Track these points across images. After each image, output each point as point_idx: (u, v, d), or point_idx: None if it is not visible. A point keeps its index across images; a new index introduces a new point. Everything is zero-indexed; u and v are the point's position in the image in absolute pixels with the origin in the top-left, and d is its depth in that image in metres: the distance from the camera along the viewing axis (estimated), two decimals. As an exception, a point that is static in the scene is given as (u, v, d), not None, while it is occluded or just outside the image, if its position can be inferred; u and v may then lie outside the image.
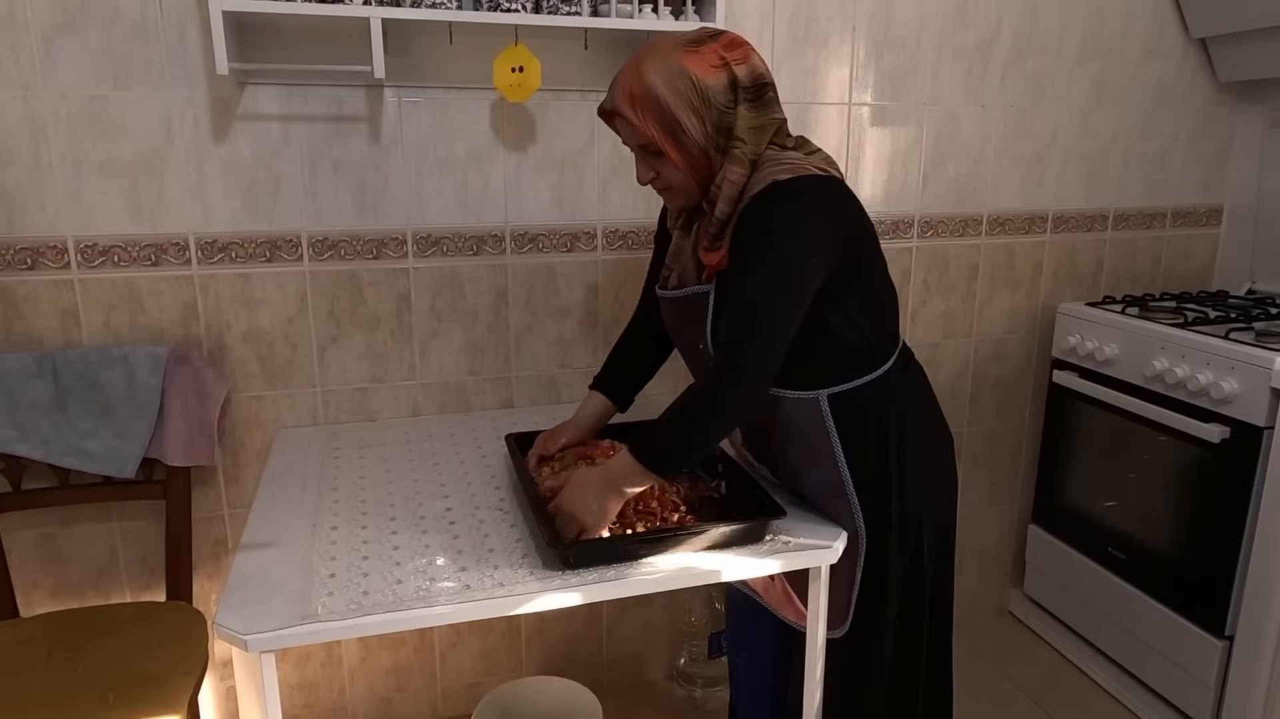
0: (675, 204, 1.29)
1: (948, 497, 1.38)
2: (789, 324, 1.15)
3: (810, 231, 1.16)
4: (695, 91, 1.15)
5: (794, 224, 1.15)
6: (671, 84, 1.15)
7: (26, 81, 1.50)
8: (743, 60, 1.18)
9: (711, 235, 1.21)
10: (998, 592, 2.44)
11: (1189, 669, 1.86)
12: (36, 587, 1.69)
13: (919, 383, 1.36)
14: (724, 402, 1.15)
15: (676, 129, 1.16)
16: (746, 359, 1.14)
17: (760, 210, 1.16)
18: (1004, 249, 2.18)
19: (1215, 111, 2.27)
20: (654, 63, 1.17)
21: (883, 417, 1.27)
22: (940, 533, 1.34)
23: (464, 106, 1.72)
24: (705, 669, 2.02)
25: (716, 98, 1.16)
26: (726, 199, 1.18)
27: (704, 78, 1.15)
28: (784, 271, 1.14)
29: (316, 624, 1.03)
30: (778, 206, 1.15)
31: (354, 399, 1.79)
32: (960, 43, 2.02)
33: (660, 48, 1.18)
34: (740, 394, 1.15)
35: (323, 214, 1.69)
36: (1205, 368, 1.78)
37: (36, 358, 1.54)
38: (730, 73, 1.17)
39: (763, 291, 1.14)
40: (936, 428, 1.37)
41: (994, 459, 2.32)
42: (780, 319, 1.14)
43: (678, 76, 1.15)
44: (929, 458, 1.32)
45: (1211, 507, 1.81)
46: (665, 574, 1.15)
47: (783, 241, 1.14)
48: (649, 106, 1.16)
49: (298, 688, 1.89)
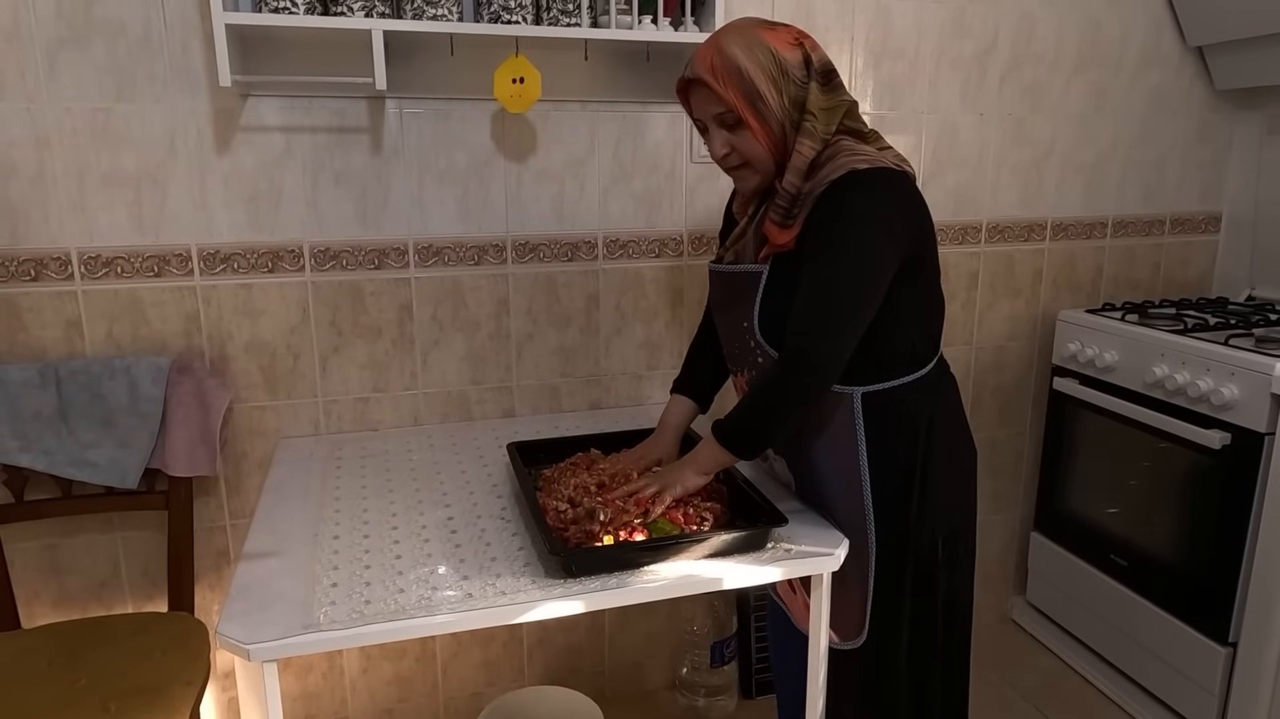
0: (749, 184, 1.29)
1: (967, 508, 1.38)
2: (864, 312, 1.17)
3: (888, 222, 1.18)
4: (774, 63, 1.19)
5: (872, 213, 1.17)
6: (752, 55, 1.19)
7: (31, 94, 1.51)
8: (814, 47, 1.24)
9: (782, 210, 1.22)
10: (1000, 599, 2.43)
11: (1192, 676, 1.86)
12: (38, 597, 1.69)
13: (951, 392, 1.37)
14: (796, 387, 1.18)
15: (756, 98, 1.19)
16: (819, 345, 1.16)
17: (838, 198, 1.17)
18: (1003, 257, 2.19)
19: (1213, 119, 2.28)
20: (734, 37, 1.21)
21: (912, 419, 1.27)
22: (957, 543, 1.34)
23: (465, 117, 1.73)
24: (708, 678, 2.01)
25: (793, 72, 1.20)
26: (795, 171, 1.20)
27: (782, 51, 1.19)
28: (861, 260, 1.16)
29: (319, 633, 1.03)
30: (856, 195, 1.17)
31: (356, 409, 1.79)
32: (958, 52, 2.03)
33: (739, 25, 1.24)
34: (812, 380, 1.18)
35: (325, 224, 1.70)
36: (1205, 374, 1.78)
37: (40, 369, 1.54)
38: (804, 51, 1.21)
39: (839, 279, 1.16)
40: (962, 439, 1.37)
41: (995, 466, 2.32)
42: (856, 307, 1.17)
43: (758, 48, 1.19)
44: (952, 467, 1.33)
45: (1213, 513, 1.81)
46: (667, 582, 1.15)
47: (861, 230, 1.16)
48: (731, 74, 1.19)
49: (299, 699, 1.89)
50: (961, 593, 1.37)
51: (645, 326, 1.94)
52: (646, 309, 1.93)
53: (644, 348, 1.95)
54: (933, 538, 1.30)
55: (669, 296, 1.94)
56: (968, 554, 1.38)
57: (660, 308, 1.94)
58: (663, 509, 1.24)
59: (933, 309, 1.32)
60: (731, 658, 2.03)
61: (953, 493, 1.33)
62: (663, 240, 1.91)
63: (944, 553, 1.31)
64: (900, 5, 1.95)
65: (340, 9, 1.47)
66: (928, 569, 1.31)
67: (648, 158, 1.86)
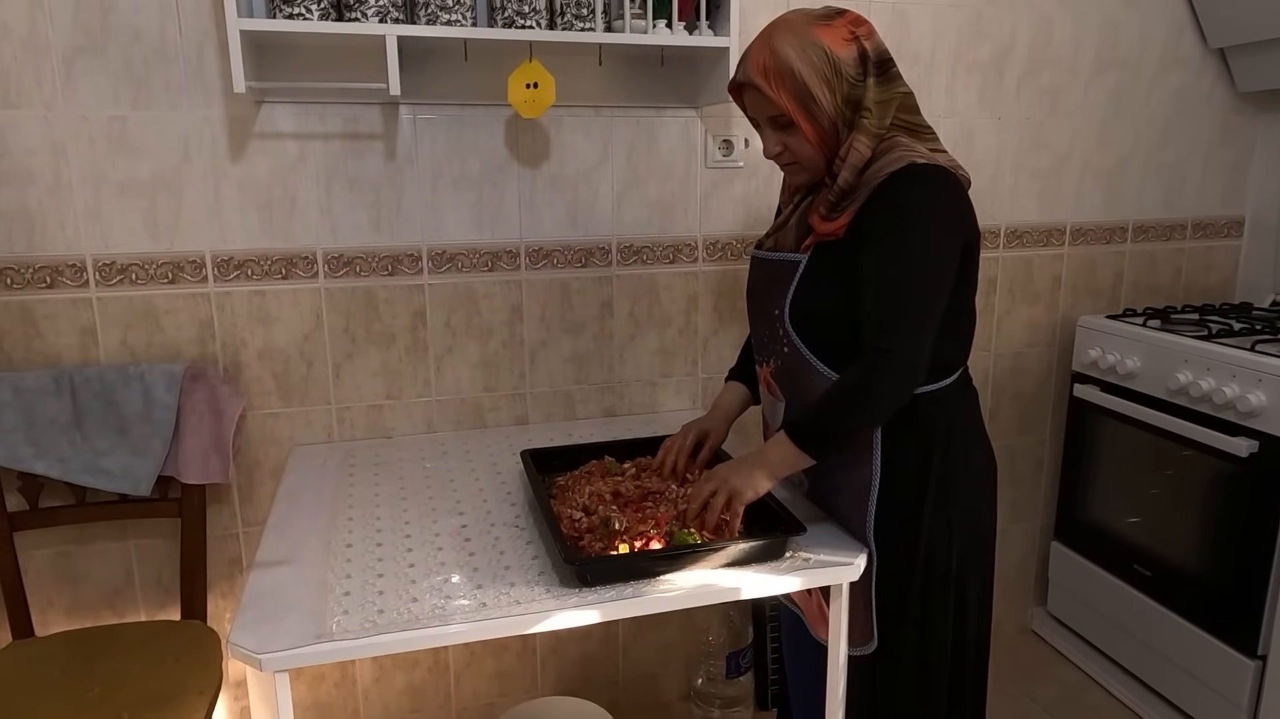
0: (799, 179, 1.29)
1: (986, 520, 1.35)
2: (937, 306, 1.16)
3: (948, 217, 1.17)
4: (828, 63, 1.16)
5: (934, 206, 1.16)
6: (805, 56, 1.16)
7: (48, 103, 1.51)
8: (869, 35, 1.20)
9: (831, 204, 1.20)
10: (1020, 610, 2.39)
11: (1220, 690, 1.82)
12: (52, 605, 1.69)
13: (971, 403, 1.35)
14: (878, 387, 1.16)
15: (809, 100, 1.17)
16: (899, 343, 1.14)
17: (898, 191, 1.16)
18: (1022, 262, 2.16)
19: (1235, 121, 2.24)
20: (787, 36, 1.18)
21: (930, 427, 1.25)
22: (974, 555, 1.31)
23: (479, 123, 1.72)
24: (723, 689, 1.99)
25: (848, 70, 1.17)
26: (850, 168, 1.18)
27: (836, 50, 1.17)
28: (929, 253, 1.15)
29: (331, 643, 1.02)
30: (916, 188, 1.15)
31: (369, 416, 1.79)
32: (975, 56, 2.01)
33: (792, 22, 1.20)
34: (894, 378, 1.16)
35: (338, 231, 1.70)
36: (1231, 380, 1.75)
37: (54, 376, 1.54)
38: (860, 46, 1.18)
39: (910, 274, 1.15)
40: (981, 449, 1.35)
41: (1015, 475, 2.29)
42: (929, 301, 1.15)
43: (811, 48, 1.16)
44: (970, 477, 1.30)
45: (1241, 522, 1.77)
46: (683, 592, 1.13)
47: (925, 223, 1.15)
48: (784, 78, 1.17)
49: (312, 708, 1.88)
50: (978, 605, 1.34)
51: (659, 333, 1.93)
52: (661, 316, 1.92)
53: (658, 355, 1.94)
54: (947, 548, 1.27)
55: (683, 303, 1.92)
56: (985, 567, 1.36)
57: (674, 314, 1.93)
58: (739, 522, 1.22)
59: (966, 319, 1.30)
60: (747, 669, 2.01)
61: (971, 503, 1.31)
62: (677, 246, 1.89)
63: (958, 564, 1.29)
64: (916, 8, 1.94)
65: (354, 15, 1.47)
66: (941, 579, 1.28)
67: (662, 163, 1.85)
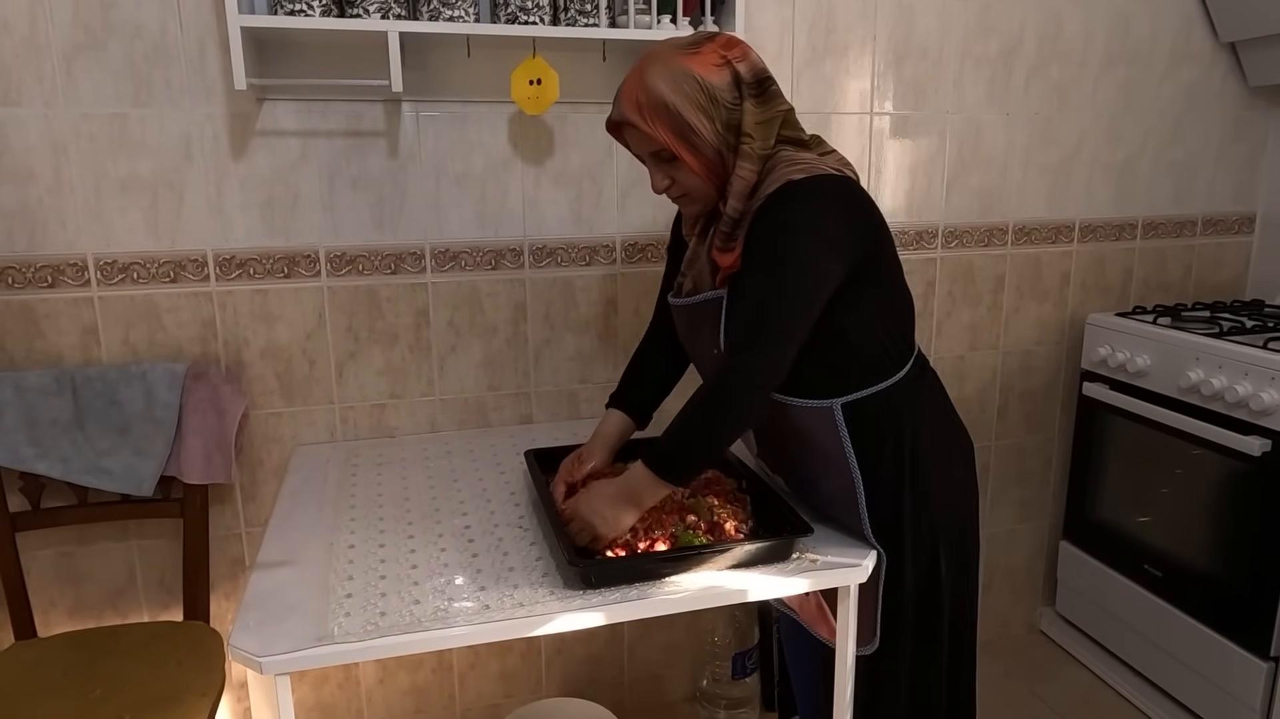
0: (693, 210, 1.27)
1: (966, 510, 1.33)
2: (801, 325, 1.13)
3: (826, 231, 1.14)
4: (702, 92, 1.14)
5: (809, 223, 1.13)
6: (677, 87, 1.14)
7: (48, 100, 1.50)
8: (742, 57, 1.17)
9: (725, 235, 1.18)
10: (1029, 610, 2.37)
11: (1231, 691, 1.80)
12: (55, 606, 1.68)
13: (934, 390, 1.33)
14: (731, 404, 1.13)
15: (688, 131, 1.15)
16: (754, 361, 1.11)
17: (774, 209, 1.14)
18: (1030, 259, 2.14)
19: (1246, 116, 2.22)
20: (657, 69, 1.15)
21: (897, 426, 1.23)
22: (959, 549, 1.30)
23: (482, 120, 1.71)
24: (729, 690, 1.97)
25: (723, 96, 1.15)
26: (737, 195, 1.16)
27: (709, 77, 1.14)
28: (797, 270, 1.12)
29: (333, 646, 1.00)
30: (792, 205, 1.13)
31: (372, 415, 1.78)
32: (983, 50, 1.99)
33: (660, 54, 1.17)
34: (747, 396, 1.13)
35: (340, 229, 1.68)
36: (1244, 378, 1.73)
37: (56, 375, 1.54)
38: (733, 70, 1.16)
39: (774, 291, 1.12)
40: (953, 438, 1.33)
41: (1023, 474, 2.27)
42: (792, 319, 1.12)
43: (682, 79, 1.14)
44: (944, 470, 1.29)
45: (1253, 521, 1.75)
46: (689, 594, 1.12)
47: (796, 240, 1.12)
48: (658, 112, 1.14)
49: (315, 709, 1.87)
50: (967, 599, 1.33)
51: (664, 331, 1.91)
52: (666, 314, 1.90)
53: (663, 353, 1.92)
54: (934, 543, 1.26)
55: (688, 301, 1.91)
56: (973, 558, 1.34)
57: (679, 312, 1.91)
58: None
59: (899, 309, 1.28)
60: (753, 670, 1.99)
61: (949, 494, 1.29)
62: (682, 244, 1.88)
63: (948, 559, 1.27)
64: (924, 3, 1.92)
65: (356, 11, 1.45)
66: (932, 576, 1.27)
67: (667, 160, 1.83)
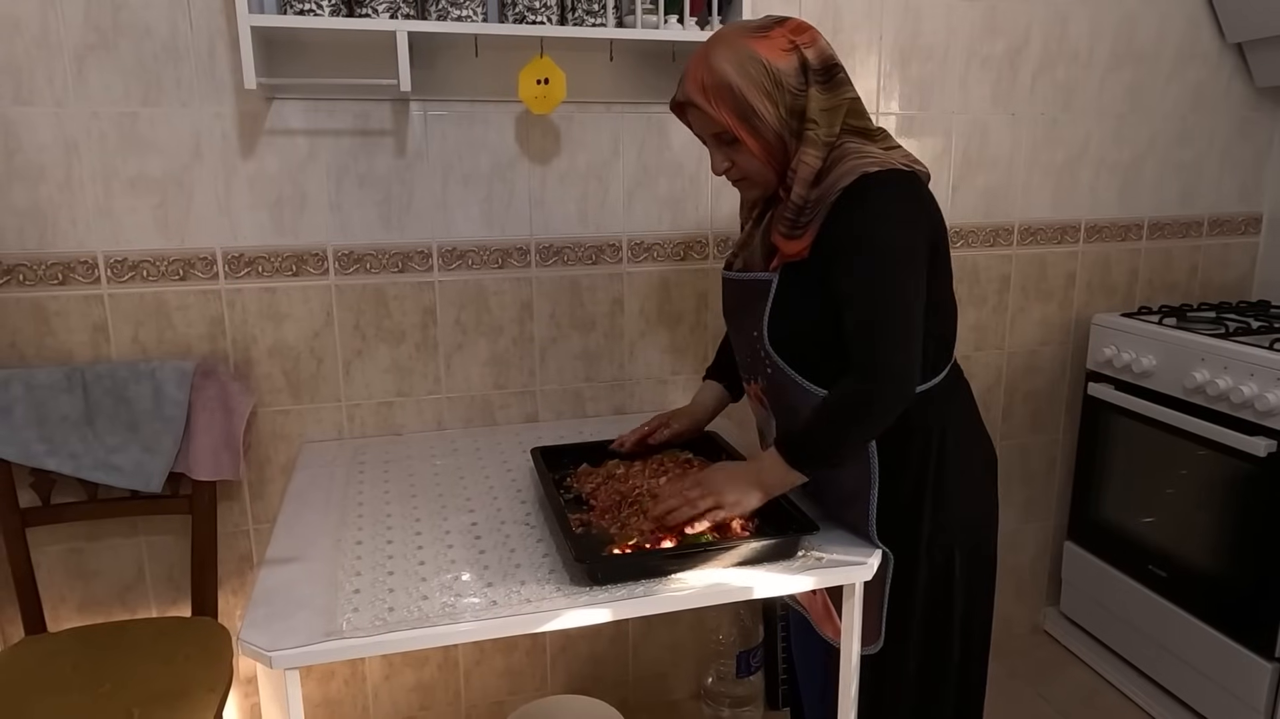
0: (751, 194, 1.28)
1: (986, 520, 1.33)
2: (919, 313, 1.15)
3: (912, 220, 1.16)
4: (768, 76, 1.14)
5: (895, 214, 1.15)
6: (743, 70, 1.14)
7: (59, 99, 1.51)
8: (810, 43, 1.17)
9: (789, 221, 1.18)
10: (1033, 610, 2.37)
11: (1236, 693, 1.80)
12: (64, 601, 1.69)
13: (965, 399, 1.33)
14: (874, 403, 1.15)
15: (751, 115, 1.15)
16: (890, 358, 1.13)
17: (856, 204, 1.14)
18: (1036, 259, 2.14)
19: (1253, 117, 2.22)
20: (724, 51, 1.16)
21: (925, 428, 1.23)
22: (975, 558, 1.30)
23: (489, 119, 1.72)
24: (733, 689, 1.98)
25: (788, 81, 1.15)
26: (802, 182, 1.16)
27: (775, 62, 1.15)
28: (899, 263, 1.14)
29: (341, 641, 1.01)
30: (873, 200, 1.14)
31: (379, 413, 1.78)
32: (989, 51, 1.99)
33: (728, 36, 1.18)
34: (886, 394, 1.15)
35: (348, 228, 1.69)
36: (1249, 379, 1.73)
37: (66, 372, 1.55)
38: (800, 56, 1.16)
39: (886, 287, 1.14)
40: (978, 447, 1.33)
41: (1028, 474, 2.27)
42: (910, 311, 1.14)
43: (749, 62, 1.14)
44: (967, 475, 1.29)
45: (1258, 522, 1.75)
46: (695, 591, 1.13)
47: (889, 234, 1.14)
48: (723, 94, 1.15)
49: (321, 705, 1.88)
50: (981, 605, 1.33)
51: (669, 331, 1.92)
52: (671, 313, 1.91)
53: (668, 352, 1.93)
54: (950, 547, 1.26)
55: (694, 301, 1.91)
56: (988, 567, 1.34)
57: (685, 312, 1.92)
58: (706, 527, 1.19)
59: (946, 314, 1.28)
60: (758, 668, 2.00)
61: (970, 503, 1.29)
62: (688, 243, 1.88)
63: (963, 564, 1.27)
64: (930, 4, 1.92)
65: (365, 10, 1.46)
66: (945, 579, 1.27)
67: (672, 160, 1.84)
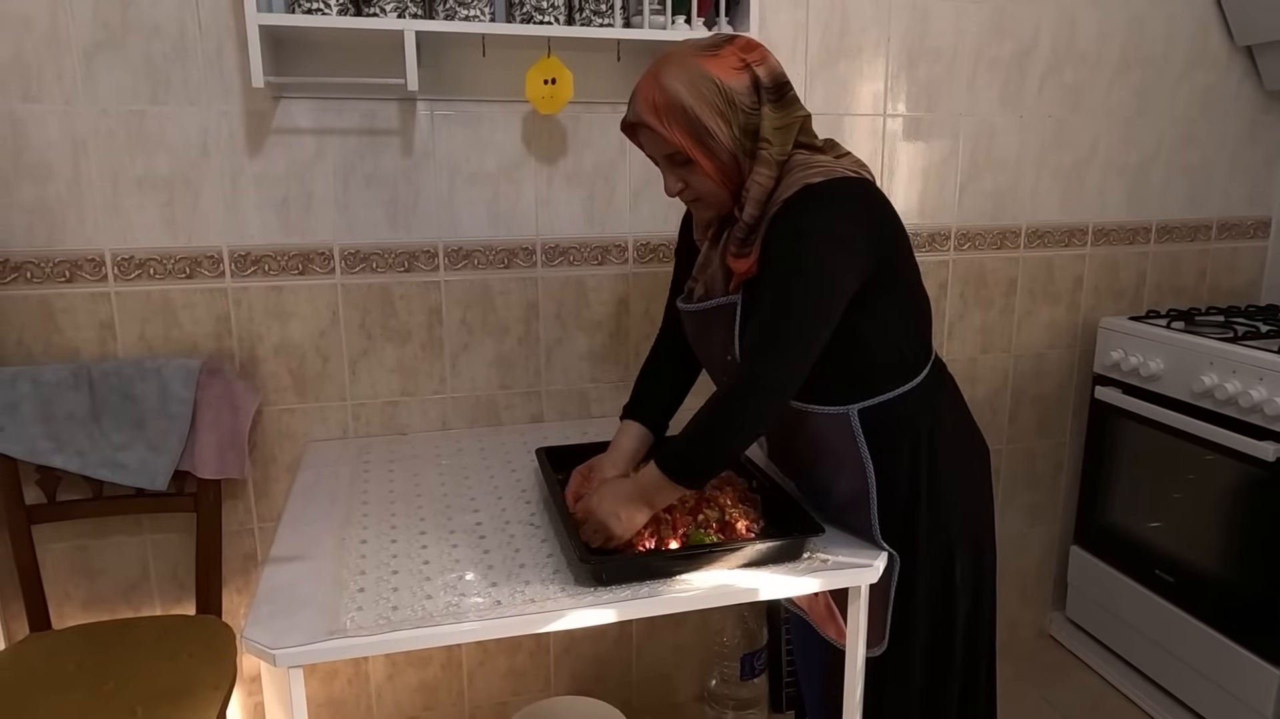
0: (706, 214, 1.27)
1: (982, 515, 1.33)
2: (818, 332, 1.12)
3: (844, 236, 1.13)
4: (720, 95, 1.13)
5: (827, 228, 1.12)
6: (695, 89, 1.12)
7: (68, 97, 1.52)
8: (761, 61, 1.16)
9: (740, 240, 1.17)
10: (1038, 615, 2.36)
11: (1243, 699, 1.79)
12: (69, 598, 1.69)
13: (951, 396, 1.32)
14: (747, 412, 1.12)
15: (704, 134, 1.14)
16: (771, 368, 1.11)
17: (792, 215, 1.13)
18: (1043, 262, 2.13)
19: (1262, 120, 2.21)
20: (675, 70, 1.14)
21: (914, 430, 1.23)
22: (975, 554, 1.29)
23: (496, 119, 1.72)
24: (737, 691, 1.97)
25: (741, 100, 1.14)
26: (754, 202, 1.15)
27: (727, 81, 1.13)
28: (815, 278, 1.11)
29: (345, 639, 1.01)
30: (810, 210, 1.12)
31: (384, 412, 1.78)
32: (997, 53, 1.98)
33: (678, 55, 1.16)
34: (764, 404, 1.12)
35: (355, 227, 1.69)
36: (1258, 384, 1.72)
37: (73, 370, 1.55)
38: (752, 74, 1.14)
39: (792, 298, 1.11)
40: (969, 443, 1.32)
41: (1034, 478, 2.26)
42: (808, 327, 1.11)
43: (701, 81, 1.13)
44: (960, 476, 1.28)
45: (1266, 527, 1.74)
46: (700, 592, 1.12)
47: (815, 247, 1.11)
48: (674, 114, 1.13)
49: (325, 704, 1.88)
50: (983, 605, 1.32)
51: (675, 332, 1.91)
52: (677, 314, 1.91)
53: (674, 353, 1.92)
54: (949, 548, 1.25)
55: (700, 301, 1.91)
56: (989, 564, 1.33)
57: (691, 313, 1.91)
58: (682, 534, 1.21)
59: (917, 313, 1.27)
60: (762, 671, 1.99)
61: (966, 501, 1.29)
62: (694, 244, 1.88)
63: (963, 565, 1.27)
64: (938, 5, 1.92)
65: (373, 10, 1.46)
66: (946, 581, 1.26)
67: (679, 160, 1.83)
